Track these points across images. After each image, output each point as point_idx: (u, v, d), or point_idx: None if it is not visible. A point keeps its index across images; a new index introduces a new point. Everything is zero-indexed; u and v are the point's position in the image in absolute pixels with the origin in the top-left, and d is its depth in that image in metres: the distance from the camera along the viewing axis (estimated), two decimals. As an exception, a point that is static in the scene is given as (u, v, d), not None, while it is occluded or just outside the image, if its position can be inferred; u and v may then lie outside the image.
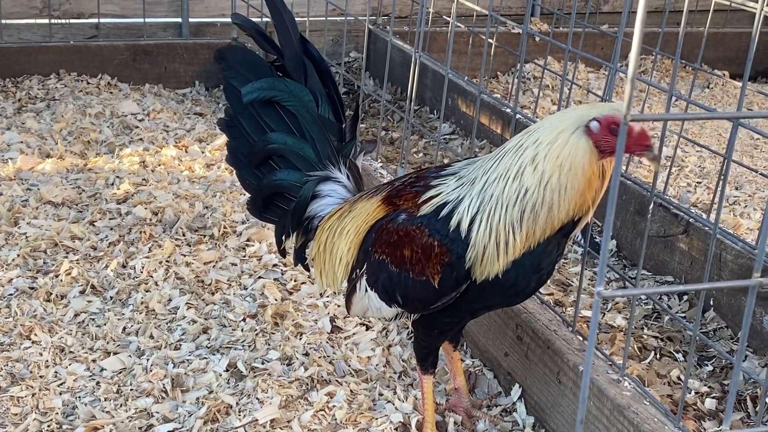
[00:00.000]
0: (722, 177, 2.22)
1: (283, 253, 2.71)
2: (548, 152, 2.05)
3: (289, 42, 2.49)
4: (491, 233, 2.12)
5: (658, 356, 2.99)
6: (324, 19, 4.77)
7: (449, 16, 3.44)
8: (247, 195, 2.69)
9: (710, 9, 3.70)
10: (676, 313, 3.24)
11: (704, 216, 3.37)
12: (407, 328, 2.44)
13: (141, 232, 3.49)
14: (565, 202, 2.06)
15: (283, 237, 2.64)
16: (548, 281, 3.29)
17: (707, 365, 2.98)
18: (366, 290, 2.38)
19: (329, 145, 2.53)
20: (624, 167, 3.73)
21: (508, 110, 4.17)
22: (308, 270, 2.77)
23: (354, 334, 2.98)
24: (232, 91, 2.52)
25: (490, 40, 4.08)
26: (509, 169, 2.11)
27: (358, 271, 2.40)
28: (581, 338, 2.59)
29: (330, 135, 2.52)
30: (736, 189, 4.20)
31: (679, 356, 3.00)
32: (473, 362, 2.91)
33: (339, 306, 3.10)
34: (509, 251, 2.12)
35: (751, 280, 1.25)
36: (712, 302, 3.19)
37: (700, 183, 4.27)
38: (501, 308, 2.62)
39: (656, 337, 3.08)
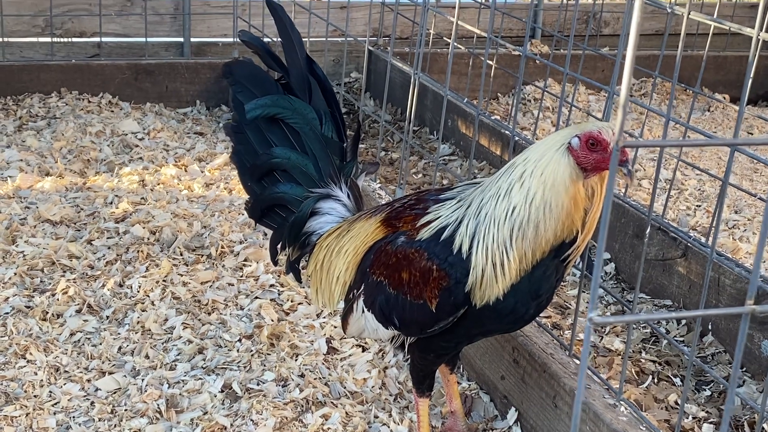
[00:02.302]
0: (719, 202, 2.21)
1: (275, 261, 2.71)
2: (534, 169, 2.07)
3: (295, 60, 2.51)
4: (487, 253, 2.12)
5: (655, 380, 2.97)
6: (324, 39, 4.79)
7: (449, 38, 3.45)
8: (247, 200, 2.69)
9: (710, 33, 3.70)
10: (675, 337, 3.23)
11: (703, 239, 3.36)
12: (403, 351, 2.43)
13: (138, 252, 3.49)
14: (552, 221, 2.06)
15: (278, 247, 2.64)
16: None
17: (705, 390, 2.96)
18: (363, 311, 2.37)
19: (331, 163, 2.53)
20: (623, 191, 3.72)
21: (508, 132, 4.18)
22: (299, 281, 2.77)
23: (350, 355, 2.97)
24: (239, 104, 2.54)
25: (490, 62, 4.08)
26: (501, 187, 2.12)
27: (355, 291, 2.40)
28: (578, 362, 2.58)
29: (332, 154, 2.53)
30: (736, 213, 4.20)
31: (677, 381, 2.98)
32: (469, 385, 2.89)
33: (335, 327, 3.09)
34: (506, 273, 2.11)
35: (744, 307, 1.24)
36: (710, 326, 3.18)
37: (700, 206, 4.26)
38: (499, 334, 2.61)
39: (654, 361, 3.07)
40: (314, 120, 2.51)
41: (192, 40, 5.62)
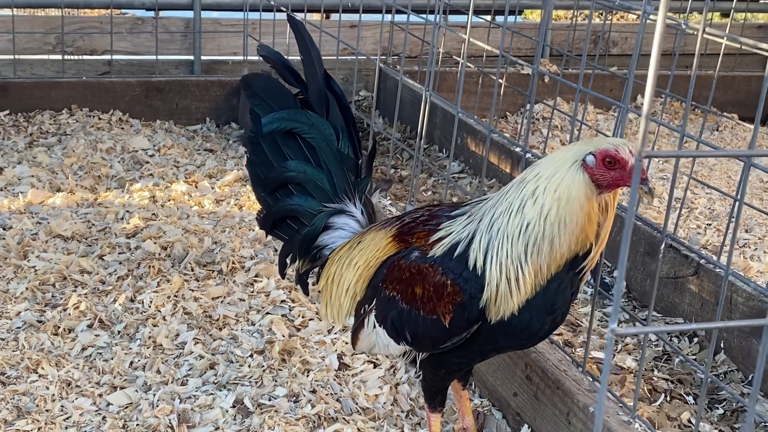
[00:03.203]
0: (734, 218, 2.21)
1: (283, 274, 2.71)
2: (547, 185, 2.07)
3: (314, 76, 2.52)
4: (501, 269, 2.12)
5: (668, 399, 2.96)
6: (335, 57, 4.81)
7: (459, 56, 3.46)
8: (259, 210, 2.69)
9: (720, 53, 3.71)
10: (687, 355, 3.22)
11: (714, 258, 3.36)
12: (415, 366, 2.42)
13: (150, 267, 3.49)
14: (566, 236, 2.06)
15: (288, 259, 2.64)
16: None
17: (718, 408, 2.94)
18: (374, 326, 2.37)
19: (346, 179, 2.54)
20: (643, 199, 3.71)
21: (518, 149, 4.18)
22: (307, 294, 2.77)
23: (362, 371, 2.96)
24: (256, 116, 2.55)
25: (500, 80, 4.10)
26: (512, 203, 2.13)
27: (366, 306, 2.39)
28: (591, 379, 2.57)
29: (347, 170, 2.54)
30: (746, 231, 4.19)
31: (690, 399, 2.97)
32: (482, 402, 2.88)
33: (347, 343, 3.08)
34: (521, 288, 2.11)
35: (765, 319, 1.24)
36: (723, 344, 3.17)
37: (710, 225, 4.26)
38: (512, 351, 2.60)
39: (667, 380, 3.06)
40: (331, 136, 2.51)
41: (202, 58, 5.65)
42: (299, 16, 4.88)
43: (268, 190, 2.59)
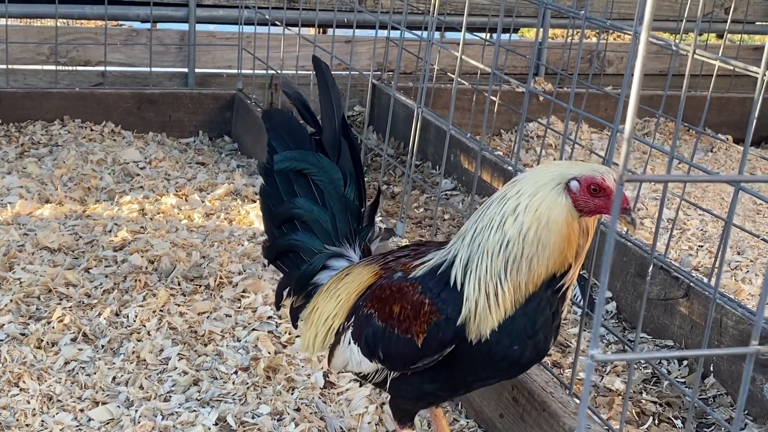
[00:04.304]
0: (723, 241, 2.19)
1: (278, 306, 2.71)
2: (528, 204, 2.06)
3: (331, 119, 2.55)
4: (480, 284, 2.11)
5: (656, 422, 2.93)
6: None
7: (454, 74, 3.45)
8: (265, 240, 2.71)
9: (712, 74, 3.70)
10: (676, 378, 3.19)
11: (705, 280, 3.33)
12: (384, 387, 2.38)
13: (136, 281, 3.46)
14: (543, 257, 2.05)
15: (284, 293, 2.65)
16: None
17: (706, 432, 2.92)
18: (349, 343, 2.37)
19: (348, 224, 2.58)
20: (624, 229, 3.70)
21: (510, 168, 4.16)
22: (296, 327, 2.76)
23: (347, 389, 2.93)
24: (272, 150, 2.58)
25: (493, 98, 4.08)
26: (493, 218, 2.12)
27: (345, 323, 2.39)
28: (578, 401, 2.54)
29: (350, 215, 2.57)
30: (738, 254, 4.17)
31: (678, 423, 2.94)
32: (468, 422, 2.85)
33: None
34: (500, 304, 2.09)
35: (749, 347, 1.22)
36: (712, 368, 3.14)
37: (702, 247, 4.24)
38: (498, 381, 2.56)
39: (655, 402, 3.03)
40: (339, 180, 2.54)
41: (196, 70, 5.64)
42: (294, 30, 4.87)
43: (276, 223, 2.62)
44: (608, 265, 1.11)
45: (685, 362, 3.25)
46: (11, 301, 3.28)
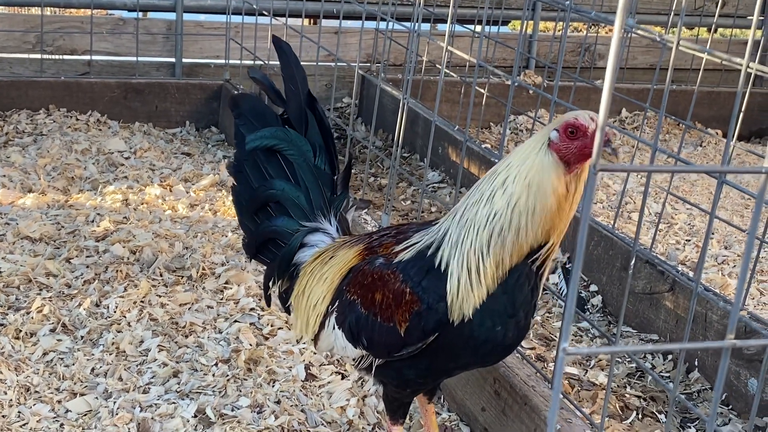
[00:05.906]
0: (706, 234, 2.17)
1: (268, 302, 2.67)
2: (517, 173, 2.04)
3: (295, 94, 2.53)
4: (463, 260, 2.09)
5: (640, 416, 2.91)
6: (315, 63, 4.75)
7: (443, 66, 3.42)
8: (243, 237, 2.69)
9: (701, 67, 3.68)
10: (660, 372, 3.17)
11: (691, 274, 3.31)
12: (370, 373, 2.36)
13: (117, 271, 3.42)
14: (533, 224, 2.02)
15: (270, 282, 2.62)
16: (529, 334, 3.22)
17: (690, 427, 2.90)
18: (334, 328, 2.34)
19: (322, 195, 2.54)
20: (611, 222, 3.68)
21: (497, 160, 4.13)
22: (289, 313, 2.72)
23: (329, 382, 2.91)
24: (241, 137, 2.55)
25: (481, 90, 4.05)
26: (483, 194, 2.09)
27: (330, 307, 2.37)
28: (561, 395, 2.52)
29: (323, 186, 2.54)
30: (725, 248, 4.15)
31: (662, 417, 2.92)
32: (449, 416, 2.83)
33: (315, 353, 3.03)
34: (482, 280, 2.07)
35: (725, 341, 1.20)
36: (696, 362, 3.12)
37: (689, 241, 4.22)
38: (478, 368, 2.54)
39: (639, 397, 3.01)
40: (308, 152, 2.52)
41: (184, 60, 5.59)
42: (281, 20, 4.83)
43: (249, 213, 2.59)
44: (582, 247, 1.08)
45: (669, 357, 3.24)
46: (-10, 291, 3.24)
